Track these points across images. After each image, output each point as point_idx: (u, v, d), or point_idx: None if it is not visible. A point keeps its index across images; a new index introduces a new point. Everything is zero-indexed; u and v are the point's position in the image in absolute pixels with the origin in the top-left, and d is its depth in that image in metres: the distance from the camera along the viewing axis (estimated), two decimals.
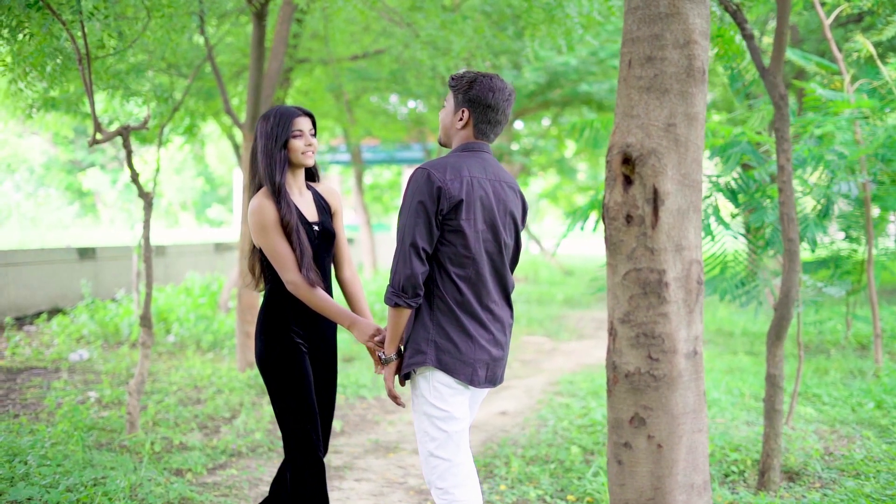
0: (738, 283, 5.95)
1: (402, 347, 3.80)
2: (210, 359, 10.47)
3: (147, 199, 6.68)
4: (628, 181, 2.98)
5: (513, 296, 17.73)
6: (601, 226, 7.00)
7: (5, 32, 7.17)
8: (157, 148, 12.80)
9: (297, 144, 4.17)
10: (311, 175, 4.46)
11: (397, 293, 3.62)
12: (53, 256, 14.30)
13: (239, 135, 16.15)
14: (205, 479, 6.07)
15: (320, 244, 4.27)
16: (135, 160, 26.37)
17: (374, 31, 13.01)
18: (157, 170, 12.49)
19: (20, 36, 7.19)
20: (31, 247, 17.96)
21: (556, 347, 12.59)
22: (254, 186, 4.27)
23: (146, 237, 6.84)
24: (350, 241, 25.46)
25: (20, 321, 13.00)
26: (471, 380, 3.74)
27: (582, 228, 6.79)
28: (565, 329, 14.22)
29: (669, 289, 2.95)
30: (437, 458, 3.72)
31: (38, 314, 13.46)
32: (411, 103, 18.11)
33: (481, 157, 3.78)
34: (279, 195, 4.11)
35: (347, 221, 33.76)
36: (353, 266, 4.52)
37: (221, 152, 34.92)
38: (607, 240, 3.05)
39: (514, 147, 17.78)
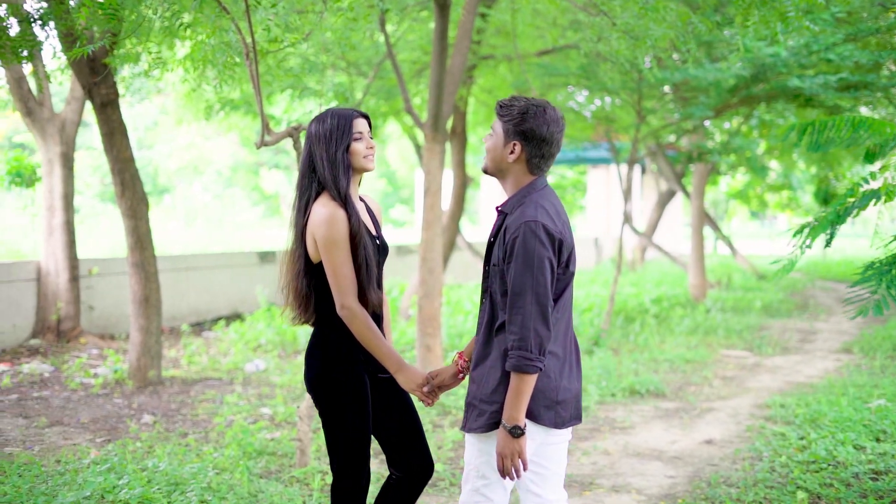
0: None
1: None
2: None
3: None
4: None
5: (706, 303, 16.77)
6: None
7: (180, 30, 6.82)
8: None
9: (358, 148, 3.86)
10: None
11: (538, 357, 3.33)
12: (234, 260, 14.15)
13: (420, 135, 15.78)
14: None
15: (378, 261, 3.96)
16: None
17: (560, 26, 12.32)
18: None
19: (199, 36, 6.82)
20: (214, 250, 17.99)
21: (759, 363, 11.52)
22: (305, 196, 3.83)
23: None
24: None
25: (199, 327, 12.83)
26: (554, 423, 3.50)
27: (809, 246, 5.71)
28: (768, 342, 13.06)
29: None
30: (482, 497, 3.53)
31: (216, 320, 13.28)
32: (597, 101, 17.35)
33: (553, 193, 3.60)
34: (346, 204, 3.74)
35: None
36: (384, 286, 4.20)
37: (403, 152, 34.93)
38: None
39: (710, 144, 16.67)
